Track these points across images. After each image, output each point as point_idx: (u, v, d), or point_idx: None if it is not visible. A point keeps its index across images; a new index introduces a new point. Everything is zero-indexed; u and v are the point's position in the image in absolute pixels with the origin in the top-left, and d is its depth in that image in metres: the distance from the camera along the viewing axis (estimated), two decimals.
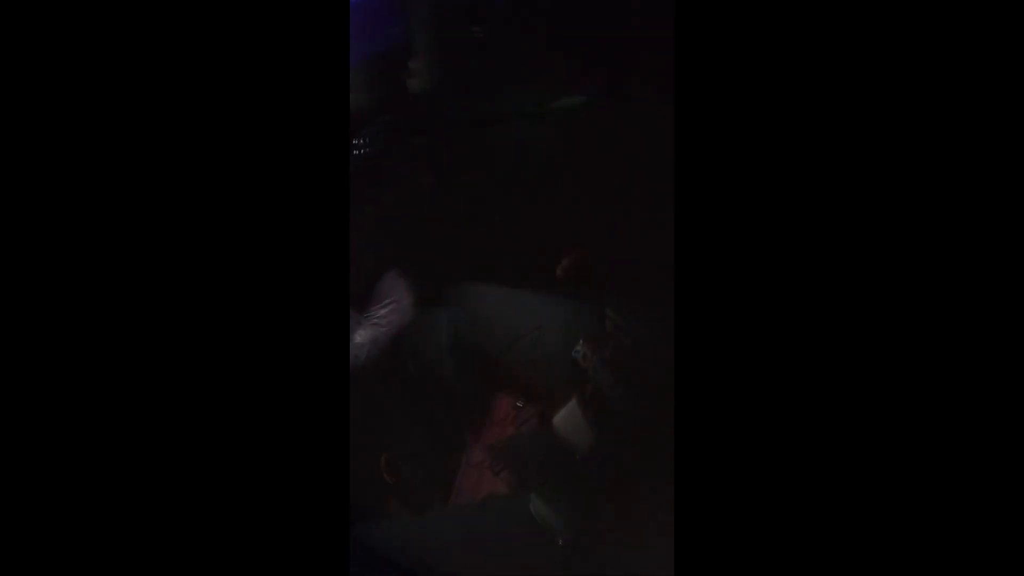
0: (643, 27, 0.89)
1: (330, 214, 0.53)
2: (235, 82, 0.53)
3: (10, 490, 0.50)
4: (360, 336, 0.99)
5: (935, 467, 0.48)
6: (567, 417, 0.89)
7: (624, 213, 0.92)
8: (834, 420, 0.49)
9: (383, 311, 1.00)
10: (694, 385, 0.51)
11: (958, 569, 0.47)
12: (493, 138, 1.00)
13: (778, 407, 0.50)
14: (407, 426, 0.98)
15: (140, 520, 0.51)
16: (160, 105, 0.52)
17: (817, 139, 0.50)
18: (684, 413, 0.51)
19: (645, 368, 0.89)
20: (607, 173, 0.93)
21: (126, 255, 0.51)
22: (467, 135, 1.00)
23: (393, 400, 1.00)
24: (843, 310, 0.50)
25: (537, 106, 0.98)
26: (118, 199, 0.51)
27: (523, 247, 0.98)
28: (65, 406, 0.51)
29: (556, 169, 0.97)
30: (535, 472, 0.91)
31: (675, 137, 0.52)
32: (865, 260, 0.49)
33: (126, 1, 0.52)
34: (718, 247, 0.51)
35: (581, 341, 0.90)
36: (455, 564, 0.83)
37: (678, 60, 0.52)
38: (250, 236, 0.53)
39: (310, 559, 0.52)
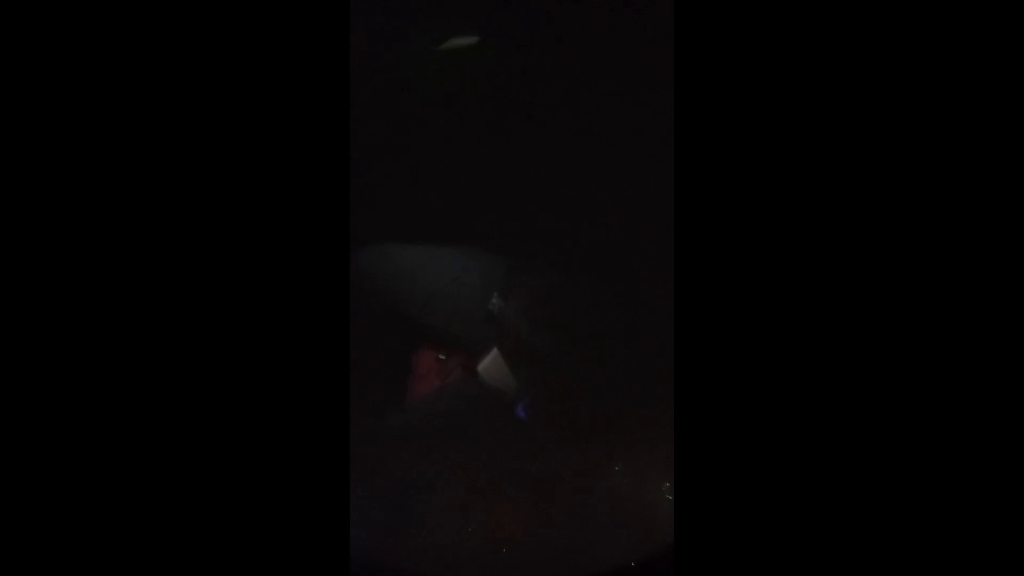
0: None
1: (330, 208, 0.53)
2: (234, 79, 0.52)
3: (6, 490, 0.50)
4: None
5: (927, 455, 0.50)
6: (491, 365, 0.91)
7: (529, 158, 0.91)
8: (833, 414, 0.51)
9: None
10: (694, 379, 0.52)
11: (958, 567, 0.50)
12: (388, 85, 0.95)
13: (779, 404, 0.51)
14: None
15: (128, 515, 0.51)
16: (154, 104, 0.51)
17: (812, 127, 0.51)
18: (684, 410, 0.52)
19: (560, 313, 0.90)
20: (509, 116, 0.91)
21: (123, 252, 0.51)
22: (359, 83, 0.94)
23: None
24: (840, 303, 0.51)
25: (427, 48, 0.94)
26: (115, 194, 0.51)
27: (433, 200, 0.95)
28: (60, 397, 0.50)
29: (458, 115, 0.94)
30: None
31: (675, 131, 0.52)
32: (863, 254, 0.51)
33: None
34: (719, 240, 0.52)
35: (496, 294, 0.90)
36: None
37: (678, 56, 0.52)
38: (247, 230, 0.52)
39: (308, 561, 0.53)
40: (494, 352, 0.90)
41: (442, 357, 0.97)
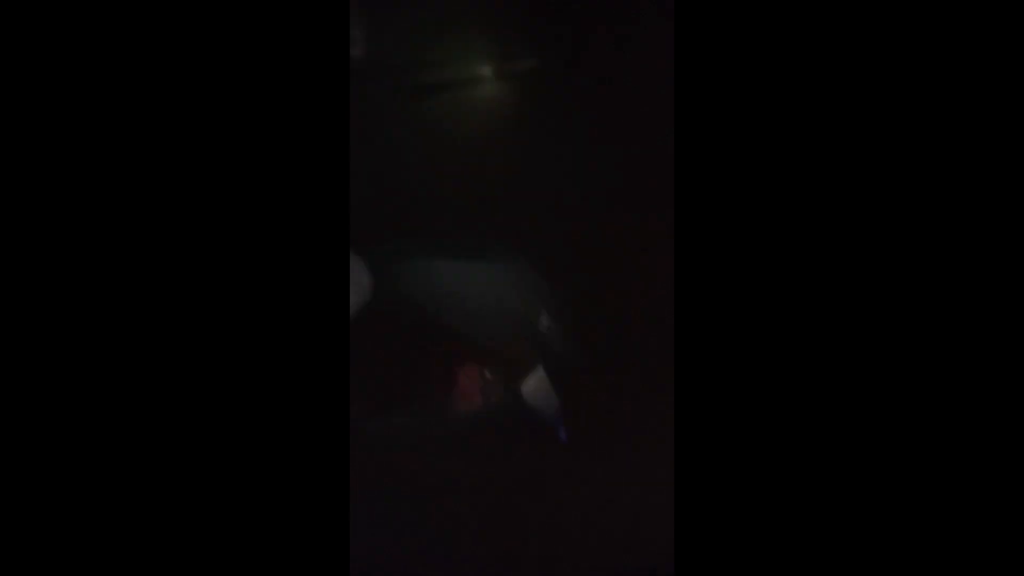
0: None
1: (329, 209, 0.53)
2: (234, 77, 0.53)
3: (5, 490, 0.51)
4: None
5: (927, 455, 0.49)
6: (536, 384, 0.91)
7: (575, 182, 0.92)
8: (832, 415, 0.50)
9: None
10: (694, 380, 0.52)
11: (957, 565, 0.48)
12: (440, 106, 0.98)
13: (780, 404, 0.51)
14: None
15: (126, 515, 0.51)
16: (154, 105, 0.52)
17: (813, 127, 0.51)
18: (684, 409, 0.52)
19: (596, 335, 0.90)
20: (561, 140, 0.93)
21: (123, 250, 0.52)
22: (411, 104, 0.98)
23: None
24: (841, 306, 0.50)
25: (486, 71, 0.97)
26: (114, 194, 0.52)
27: (474, 219, 0.97)
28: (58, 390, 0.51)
29: (507, 137, 0.96)
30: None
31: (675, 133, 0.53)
32: (864, 255, 0.50)
33: None
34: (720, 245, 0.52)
35: (544, 313, 0.91)
36: None
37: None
38: (247, 230, 0.53)
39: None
40: (540, 371, 0.91)
41: (489, 375, 0.98)
